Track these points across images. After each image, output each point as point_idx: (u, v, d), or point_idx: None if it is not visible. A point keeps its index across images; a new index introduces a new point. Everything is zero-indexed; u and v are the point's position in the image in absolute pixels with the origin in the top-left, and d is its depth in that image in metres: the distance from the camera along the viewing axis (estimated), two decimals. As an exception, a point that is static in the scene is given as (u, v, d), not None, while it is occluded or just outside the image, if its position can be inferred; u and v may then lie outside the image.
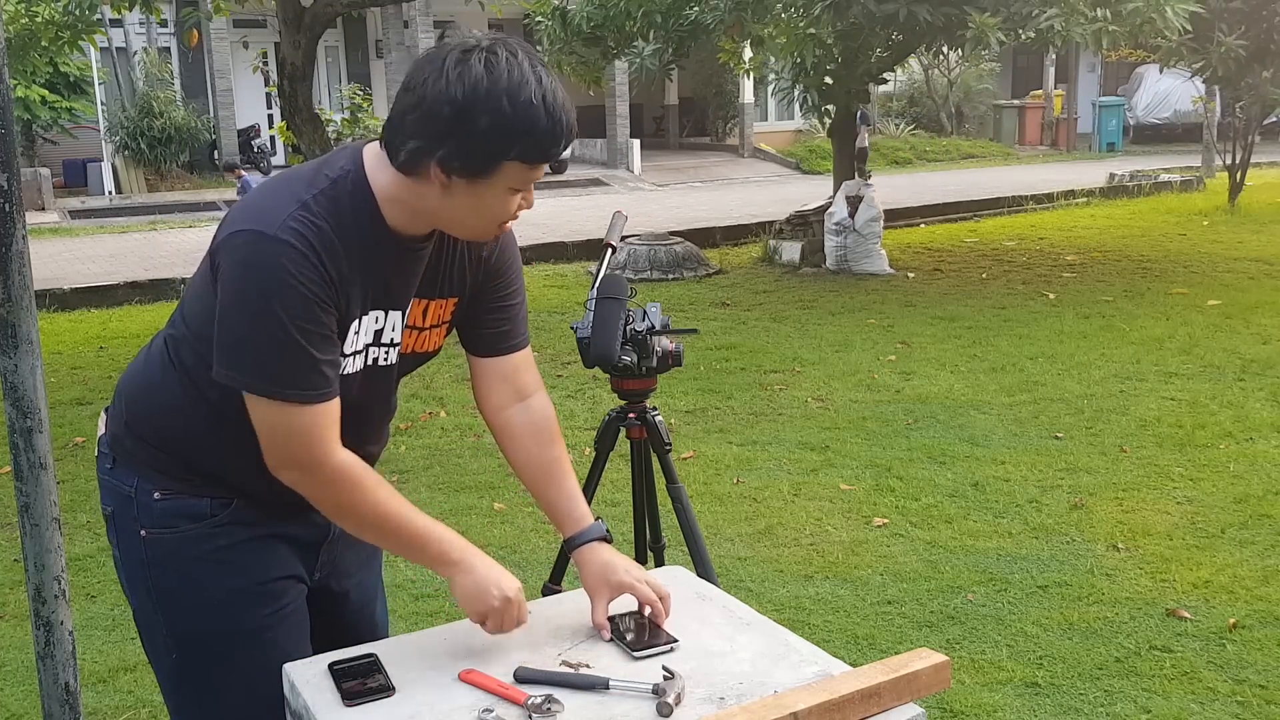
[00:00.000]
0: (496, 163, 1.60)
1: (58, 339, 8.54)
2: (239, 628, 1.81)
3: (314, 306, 1.61)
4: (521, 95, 1.56)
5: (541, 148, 1.60)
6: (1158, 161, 20.37)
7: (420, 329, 1.84)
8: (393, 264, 1.72)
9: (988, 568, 4.06)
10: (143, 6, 8.72)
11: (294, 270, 1.58)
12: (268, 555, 1.83)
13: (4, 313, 1.98)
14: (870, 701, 1.62)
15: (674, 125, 26.10)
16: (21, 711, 3.29)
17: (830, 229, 10.63)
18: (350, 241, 1.65)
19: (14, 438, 2.03)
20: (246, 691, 1.83)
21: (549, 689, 1.62)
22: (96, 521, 4.74)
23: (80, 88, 18.69)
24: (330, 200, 1.65)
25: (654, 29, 10.38)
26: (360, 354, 1.75)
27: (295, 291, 1.59)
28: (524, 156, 1.60)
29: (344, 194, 1.66)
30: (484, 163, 1.59)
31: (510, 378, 1.94)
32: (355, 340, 1.73)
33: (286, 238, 1.59)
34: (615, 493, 4.63)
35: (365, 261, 1.68)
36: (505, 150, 1.59)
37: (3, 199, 1.95)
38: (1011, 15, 8.47)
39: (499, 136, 1.57)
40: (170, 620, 1.84)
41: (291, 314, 1.59)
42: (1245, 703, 3.12)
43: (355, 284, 1.67)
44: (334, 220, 1.64)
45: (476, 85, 1.55)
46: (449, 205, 1.65)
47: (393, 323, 1.77)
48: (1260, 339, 7.38)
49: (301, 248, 1.59)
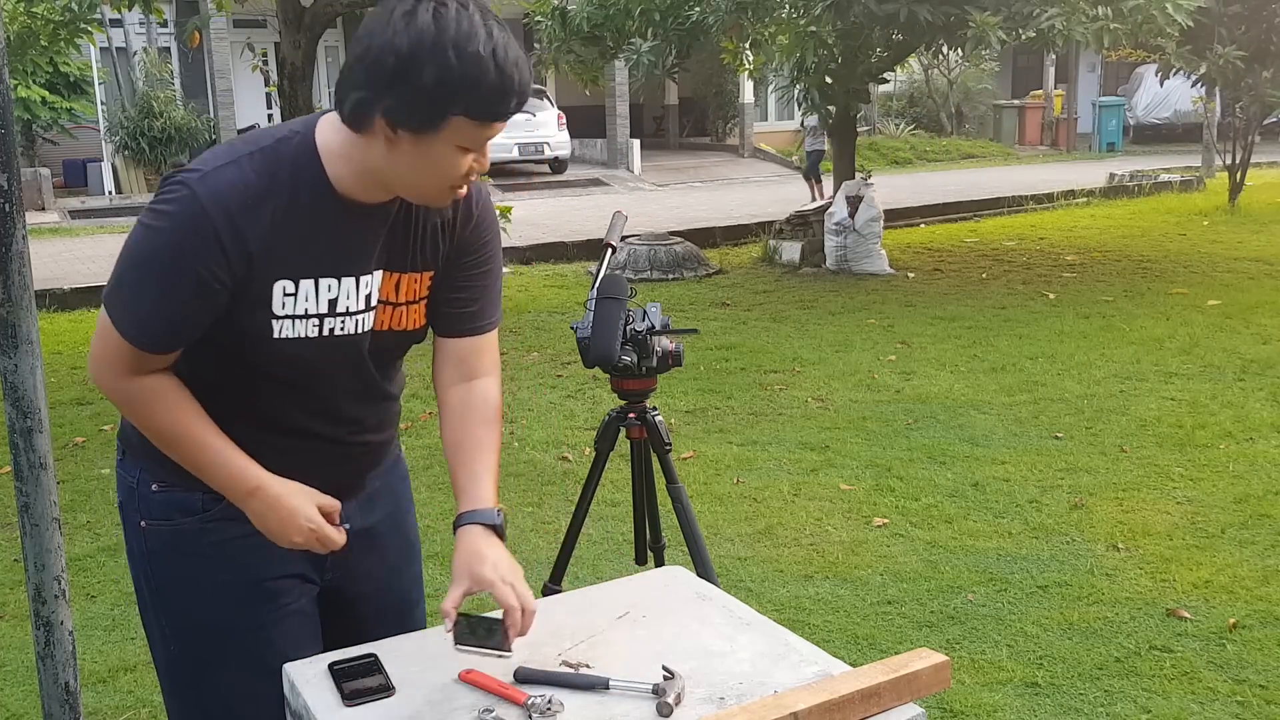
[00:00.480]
0: (442, 116, 1.54)
1: (58, 339, 8.54)
2: (233, 623, 1.80)
3: (187, 271, 1.59)
4: (469, 47, 1.50)
5: (489, 103, 1.54)
6: (1158, 161, 20.37)
7: (394, 304, 1.78)
8: (336, 227, 1.67)
9: (988, 568, 4.06)
10: (143, 6, 8.72)
11: (189, 230, 1.57)
12: (265, 552, 1.79)
13: (4, 313, 1.98)
14: (870, 701, 1.62)
15: (674, 125, 26.12)
16: (21, 711, 3.29)
17: (830, 229, 10.63)
18: (281, 201, 1.61)
19: (14, 438, 2.03)
20: (240, 689, 1.82)
21: (549, 689, 1.62)
22: (96, 521, 4.74)
23: (80, 88, 18.70)
24: (268, 159, 1.62)
25: (653, 28, 10.38)
26: (305, 320, 1.68)
27: (178, 250, 1.58)
28: (471, 112, 1.54)
29: (285, 154, 1.63)
30: (429, 116, 1.54)
31: (466, 359, 1.88)
32: (292, 304, 1.67)
33: (201, 193, 1.57)
34: (615, 493, 4.62)
35: (300, 223, 1.64)
36: (451, 103, 1.53)
37: (3, 199, 1.95)
38: (1013, 14, 8.46)
39: (444, 89, 1.51)
40: (168, 612, 1.84)
41: (162, 268, 1.60)
42: (1245, 703, 3.12)
43: (286, 246, 1.63)
44: (267, 178, 1.61)
45: (422, 35, 1.50)
46: (396, 162, 1.60)
47: (346, 290, 1.70)
48: (1260, 339, 7.38)
49: (209, 207, 1.57)
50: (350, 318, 1.73)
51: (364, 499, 1.93)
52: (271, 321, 1.66)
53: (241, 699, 1.82)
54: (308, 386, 1.76)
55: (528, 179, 19.83)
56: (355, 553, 1.90)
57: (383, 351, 1.82)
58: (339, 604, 1.95)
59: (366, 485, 1.94)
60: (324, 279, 1.68)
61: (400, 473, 2.04)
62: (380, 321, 1.77)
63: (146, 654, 3.55)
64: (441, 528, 4.47)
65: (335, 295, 1.70)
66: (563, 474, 5.18)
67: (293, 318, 1.68)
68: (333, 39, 21.40)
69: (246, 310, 1.65)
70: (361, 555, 1.92)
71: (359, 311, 1.73)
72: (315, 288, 1.68)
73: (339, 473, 1.87)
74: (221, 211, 1.57)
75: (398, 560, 2.02)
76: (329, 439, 1.83)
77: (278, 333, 1.67)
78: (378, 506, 1.96)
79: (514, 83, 1.55)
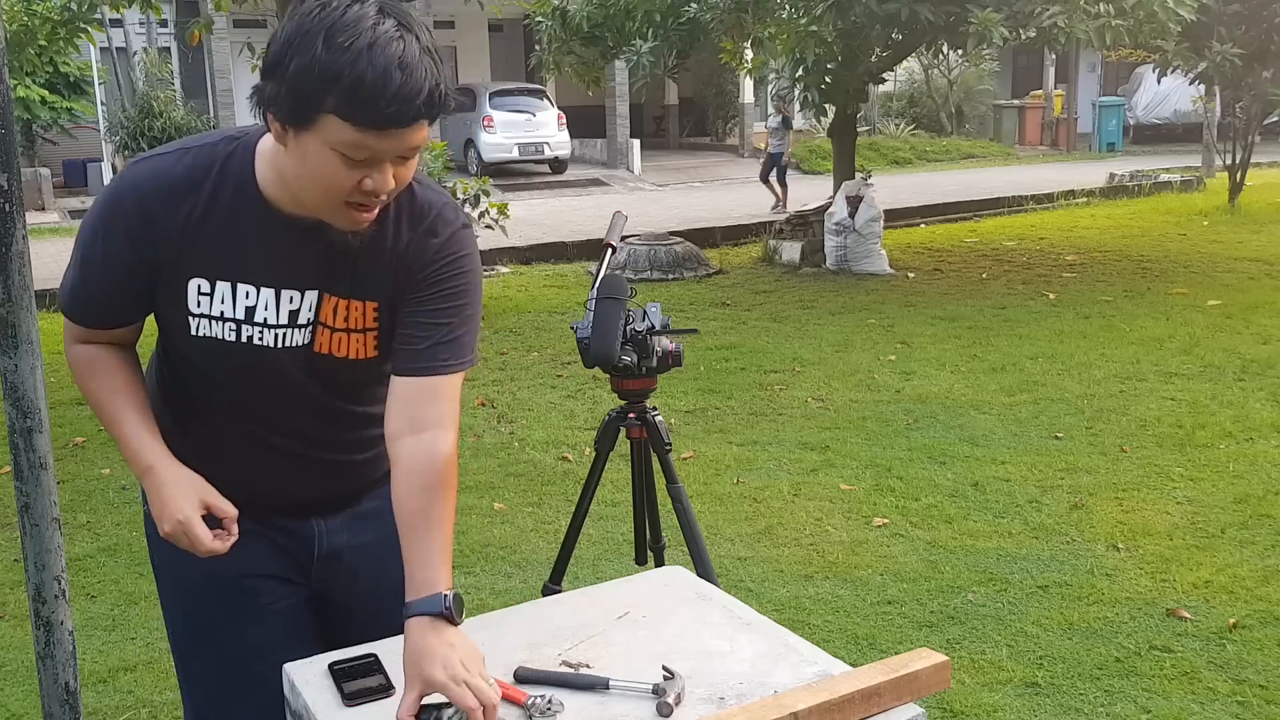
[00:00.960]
0: (312, 110, 1.45)
1: (58, 339, 8.48)
2: (207, 615, 1.85)
3: (101, 248, 1.65)
4: (340, 38, 1.41)
5: (357, 103, 1.42)
6: (1158, 161, 20.38)
7: (332, 329, 1.71)
8: (259, 236, 1.63)
9: (988, 568, 4.06)
10: (142, 5, 8.71)
11: (108, 208, 1.64)
12: (244, 551, 1.76)
13: (4, 313, 1.98)
14: (870, 702, 1.61)
15: (674, 125, 26.12)
16: (21, 711, 3.29)
17: (830, 229, 10.63)
18: (200, 199, 1.62)
19: (14, 438, 2.03)
20: (217, 679, 1.87)
21: (549, 689, 1.62)
22: (96, 521, 4.74)
23: (80, 88, 18.70)
24: (200, 157, 1.63)
25: (653, 28, 10.38)
26: (221, 322, 1.67)
27: (96, 227, 1.65)
28: (339, 110, 1.44)
29: (219, 154, 1.64)
30: (296, 109, 1.46)
31: (413, 402, 1.68)
32: (207, 304, 1.66)
33: (125, 176, 1.65)
34: (615, 493, 4.62)
35: (219, 225, 1.63)
36: (317, 97, 1.44)
37: (3, 199, 1.95)
38: (1014, 13, 8.45)
39: (308, 79, 1.43)
40: (162, 595, 1.94)
41: (85, 245, 1.67)
42: (1245, 703, 3.12)
43: (205, 244, 1.63)
44: (192, 173, 1.62)
45: (301, 23, 1.45)
46: (289, 165, 1.55)
47: (265, 301, 1.66)
48: (1260, 339, 7.38)
49: (125, 190, 1.63)
50: (270, 330, 1.68)
51: (356, 516, 1.92)
52: (188, 318, 1.68)
53: (217, 689, 1.87)
54: (244, 393, 1.76)
55: (528, 179, 19.84)
56: (348, 569, 1.91)
57: (331, 374, 1.75)
58: (331, 614, 1.94)
59: (362, 504, 1.92)
60: (241, 284, 1.66)
61: None
62: (320, 344, 1.72)
63: (146, 654, 3.57)
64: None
65: (253, 304, 1.67)
66: (563, 474, 5.17)
67: (209, 318, 1.68)
68: (333, 39, 21.38)
69: (166, 303, 1.69)
70: (354, 573, 1.92)
71: (280, 326, 1.69)
72: (231, 291, 1.66)
73: (311, 487, 1.86)
74: (134, 197, 1.62)
75: (395, 586, 1.83)
76: (282, 451, 1.81)
77: (195, 329, 1.69)
78: (371, 527, 1.91)
79: (391, 86, 1.42)
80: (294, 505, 1.87)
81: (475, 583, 4.03)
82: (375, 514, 1.89)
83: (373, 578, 1.90)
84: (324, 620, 1.93)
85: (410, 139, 1.50)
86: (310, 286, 1.68)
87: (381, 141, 1.48)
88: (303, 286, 1.68)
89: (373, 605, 1.89)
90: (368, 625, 1.88)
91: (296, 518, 1.88)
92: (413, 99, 1.45)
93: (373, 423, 1.78)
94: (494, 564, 4.20)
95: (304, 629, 1.89)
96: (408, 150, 1.52)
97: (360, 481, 1.92)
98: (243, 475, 1.78)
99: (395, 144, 1.49)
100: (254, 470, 1.81)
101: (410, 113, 1.46)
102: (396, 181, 1.56)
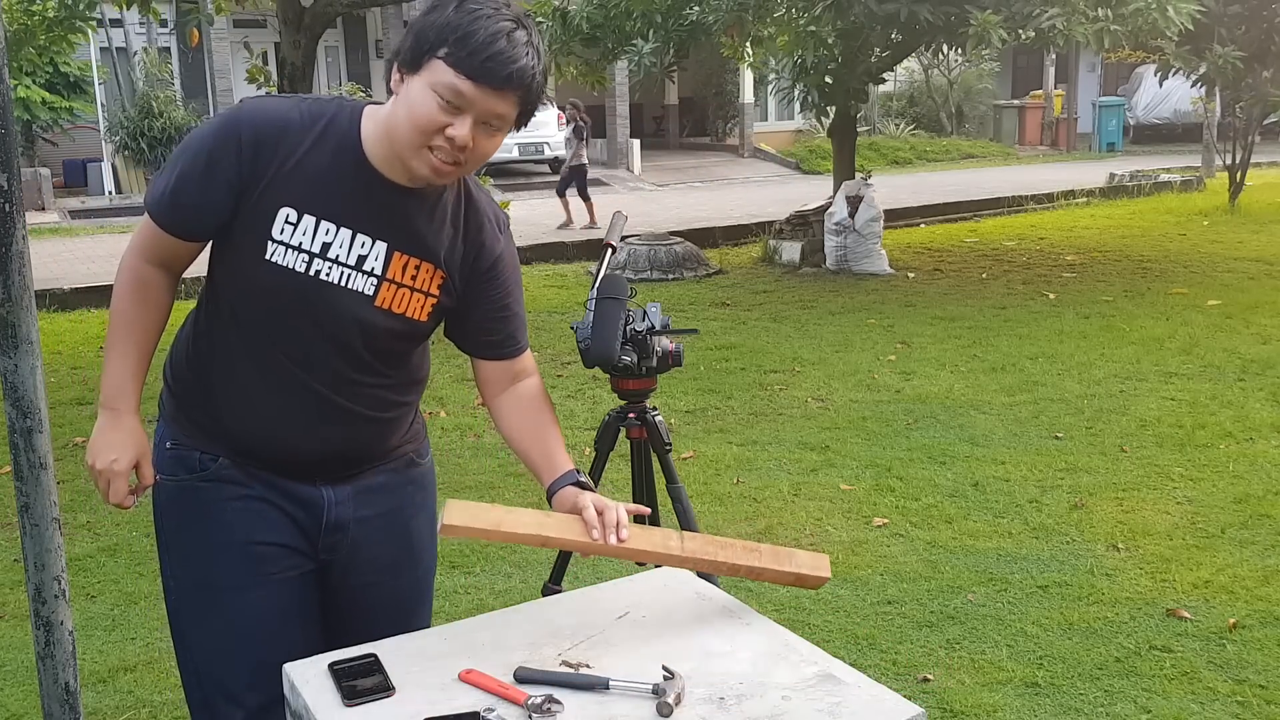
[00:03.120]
0: (427, 54, 1.69)
1: (58, 339, 8.54)
2: (218, 581, 1.89)
3: (202, 154, 1.76)
4: (469, 4, 1.68)
5: (467, 54, 1.66)
6: (1158, 161, 20.38)
7: (398, 284, 1.85)
8: (353, 181, 1.79)
9: (988, 568, 4.06)
10: (141, 6, 8.71)
11: (215, 123, 1.79)
12: (255, 518, 1.89)
13: (4, 313, 1.98)
14: (750, 556, 1.91)
15: (674, 125, 26.10)
16: (21, 711, 3.29)
17: (830, 229, 10.63)
18: (309, 140, 1.77)
19: (14, 438, 2.04)
20: (220, 645, 1.91)
21: (549, 689, 1.62)
22: (96, 521, 4.74)
23: (80, 88, 18.69)
24: (315, 105, 1.81)
25: (654, 29, 10.38)
26: (297, 253, 1.79)
27: (202, 137, 1.78)
28: (450, 58, 1.67)
29: (330, 108, 1.82)
30: (416, 51, 1.70)
31: (503, 375, 2.02)
32: (291, 232, 1.79)
33: (245, 105, 1.80)
34: (615, 493, 4.62)
35: (320, 164, 1.78)
36: (435, 44, 1.68)
37: (3, 199, 1.95)
38: (1013, 14, 8.46)
39: (433, 29, 1.68)
40: (169, 561, 1.96)
41: (186, 152, 1.79)
42: (1245, 703, 3.12)
43: (301, 176, 1.77)
44: (305, 118, 1.78)
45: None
46: (393, 110, 1.75)
47: (342, 240, 1.80)
48: (1260, 339, 7.38)
49: (240, 113, 1.78)
50: (339, 267, 1.81)
51: (361, 490, 1.98)
52: (267, 242, 1.78)
53: (219, 655, 1.91)
54: (291, 325, 1.84)
55: (527, 179, 19.84)
56: (351, 543, 1.98)
57: (380, 333, 1.87)
58: (333, 588, 2.00)
59: (369, 476, 1.98)
60: (325, 221, 1.80)
61: (412, 476, 2.07)
62: (383, 299, 1.85)
63: (146, 654, 3.57)
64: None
65: (330, 240, 1.80)
66: (563, 474, 5.17)
67: (286, 245, 1.79)
68: (333, 39, 21.41)
69: (249, 223, 1.78)
70: (358, 547, 1.99)
71: (348, 266, 1.82)
72: (315, 226, 1.79)
73: (330, 437, 1.91)
74: (250, 122, 1.76)
75: (395, 561, 2.06)
76: (310, 391, 1.87)
77: (269, 254, 1.79)
78: (376, 501, 2.00)
79: (498, 49, 1.67)
80: (307, 464, 1.93)
81: (475, 583, 4.04)
82: (380, 489, 2.00)
83: (373, 551, 2.00)
84: (324, 596, 1.99)
85: (497, 104, 1.70)
86: (382, 237, 1.83)
87: (474, 93, 1.68)
88: (375, 235, 1.82)
89: (370, 579, 2.01)
90: (367, 604, 2.01)
91: (307, 481, 1.93)
92: (508, 63, 1.68)
93: (396, 389, 1.96)
94: (494, 564, 4.20)
95: (306, 602, 1.95)
96: (493, 116, 1.72)
97: (374, 442, 1.99)
98: (267, 424, 1.87)
99: (484, 101, 1.69)
100: (279, 416, 1.88)
101: (503, 73, 1.68)
102: (475, 146, 1.73)
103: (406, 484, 2.05)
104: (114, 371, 1.87)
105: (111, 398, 1.87)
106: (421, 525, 2.09)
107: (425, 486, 2.11)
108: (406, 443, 2.04)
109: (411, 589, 2.10)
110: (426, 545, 2.11)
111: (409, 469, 2.06)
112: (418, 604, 2.11)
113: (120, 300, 1.87)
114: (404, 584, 2.08)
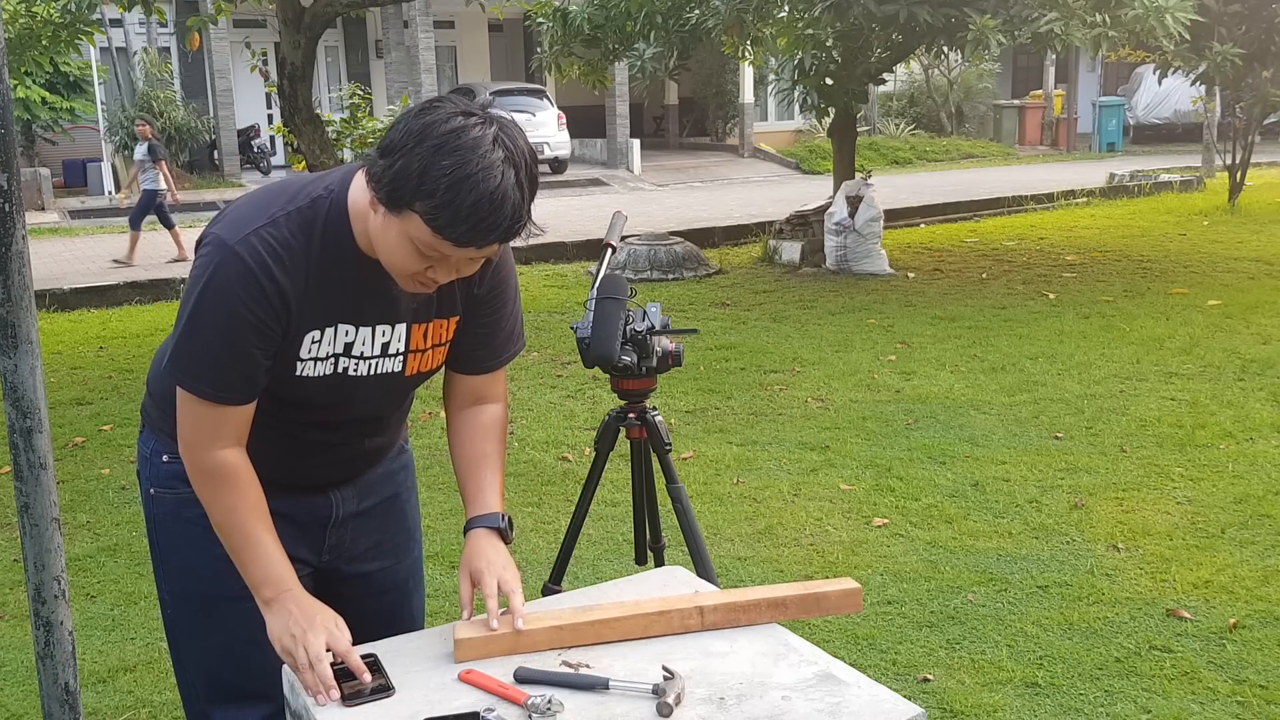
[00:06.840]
0: (402, 204, 1.58)
1: (58, 339, 8.54)
2: (220, 593, 1.88)
3: (244, 322, 1.68)
4: (449, 159, 1.53)
5: (444, 220, 1.55)
6: (1158, 161, 20.38)
7: (422, 351, 1.88)
8: (361, 284, 1.75)
9: (988, 568, 4.06)
10: (144, 7, 8.72)
11: (236, 286, 1.66)
12: None
13: (4, 313, 1.98)
14: (776, 610, 1.83)
15: (674, 125, 26.12)
16: (21, 711, 3.29)
17: (830, 229, 10.63)
18: (314, 260, 1.71)
19: (14, 438, 2.03)
20: (224, 656, 1.91)
21: (549, 689, 1.62)
22: (96, 521, 4.74)
23: (80, 88, 18.72)
24: (304, 219, 1.71)
25: (655, 30, 10.38)
26: (323, 361, 1.79)
27: (230, 305, 1.67)
28: (431, 222, 1.56)
29: (320, 214, 1.72)
30: (391, 197, 1.58)
31: (475, 388, 2.00)
32: (316, 348, 1.77)
33: (241, 251, 1.66)
34: (615, 493, 4.63)
35: (331, 279, 1.73)
36: (409, 197, 1.56)
37: (3, 199, 1.95)
38: (1011, 17, 8.47)
39: (410, 181, 1.55)
40: (168, 576, 1.97)
41: (221, 325, 1.68)
42: (1245, 703, 3.12)
43: (318, 299, 1.73)
44: (302, 238, 1.70)
45: (427, 126, 1.55)
46: (372, 225, 1.67)
47: (363, 338, 1.80)
48: (1260, 339, 7.38)
49: (252, 263, 1.66)
50: (365, 361, 1.83)
51: (362, 484, 2.03)
52: (296, 362, 1.78)
53: (222, 665, 1.92)
54: (318, 411, 1.87)
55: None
56: (352, 534, 2.02)
57: (408, 391, 1.97)
58: (337, 584, 2.02)
59: (368, 472, 2.05)
60: (344, 325, 1.79)
61: (403, 461, 2.14)
62: (411, 368, 1.88)
63: (147, 654, 3.57)
64: (441, 528, 4.47)
65: (351, 340, 1.80)
66: (563, 474, 5.17)
67: (314, 360, 1.78)
68: (333, 39, 21.41)
69: (279, 353, 1.76)
70: (358, 537, 2.04)
71: (373, 357, 1.83)
72: (336, 332, 1.79)
73: (341, 469, 1.99)
74: (264, 270, 1.67)
75: (395, 544, 2.11)
76: (336, 444, 1.94)
77: (299, 371, 1.78)
78: (375, 491, 2.06)
79: (475, 215, 1.54)
80: (321, 485, 1.98)
81: (475, 583, 4.03)
82: (379, 479, 2.06)
83: (375, 538, 2.06)
84: (325, 589, 1.99)
85: (482, 252, 1.64)
86: (400, 320, 1.83)
87: (455, 250, 1.61)
88: (394, 321, 1.82)
89: (375, 565, 2.06)
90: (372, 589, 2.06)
91: (319, 494, 1.98)
92: (492, 230, 1.58)
93: (404, 414, 2.05)
94: (494, 564, 4.19)
95: None
96: (478, 257, 1.66)
97: (386, 449, 2.06)
98: (285, 469, 1.88)
99: (466, 254, 1.63)
100: (298, 465, 1.91)
101: (486, 239, 1.59)
102: (459, 275, 1.71)
103: (399, 470, 2.12)
104: (258, 559, 1.76)
105: (274, 584, 1.76)
106: (414, 507, 2.17)
107: (411, 469, 2.19)
108: (395, 440, 2.11)
109: (412, 572, 2.16)
110: (418, 525, 2.20)
111: (400, 455, 2.13)
112: (415, 585, 2.18)
113: (220, 498, 1.77)
114: (404, 566, 2.14)
